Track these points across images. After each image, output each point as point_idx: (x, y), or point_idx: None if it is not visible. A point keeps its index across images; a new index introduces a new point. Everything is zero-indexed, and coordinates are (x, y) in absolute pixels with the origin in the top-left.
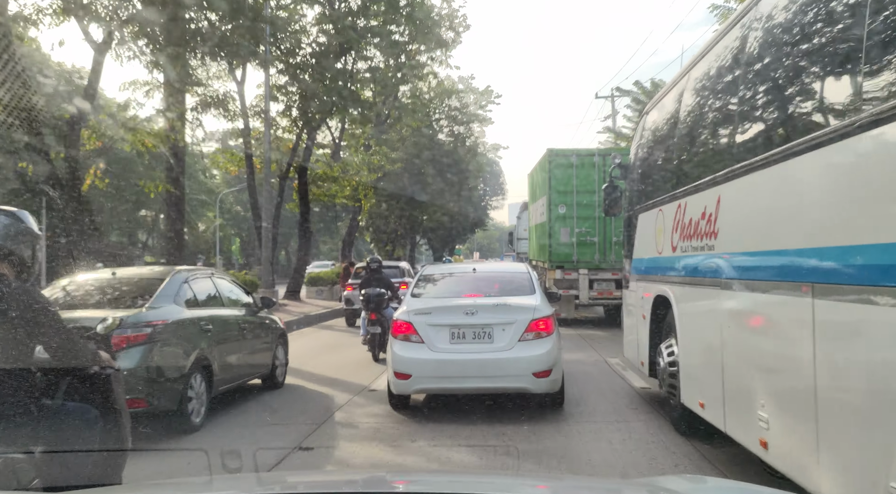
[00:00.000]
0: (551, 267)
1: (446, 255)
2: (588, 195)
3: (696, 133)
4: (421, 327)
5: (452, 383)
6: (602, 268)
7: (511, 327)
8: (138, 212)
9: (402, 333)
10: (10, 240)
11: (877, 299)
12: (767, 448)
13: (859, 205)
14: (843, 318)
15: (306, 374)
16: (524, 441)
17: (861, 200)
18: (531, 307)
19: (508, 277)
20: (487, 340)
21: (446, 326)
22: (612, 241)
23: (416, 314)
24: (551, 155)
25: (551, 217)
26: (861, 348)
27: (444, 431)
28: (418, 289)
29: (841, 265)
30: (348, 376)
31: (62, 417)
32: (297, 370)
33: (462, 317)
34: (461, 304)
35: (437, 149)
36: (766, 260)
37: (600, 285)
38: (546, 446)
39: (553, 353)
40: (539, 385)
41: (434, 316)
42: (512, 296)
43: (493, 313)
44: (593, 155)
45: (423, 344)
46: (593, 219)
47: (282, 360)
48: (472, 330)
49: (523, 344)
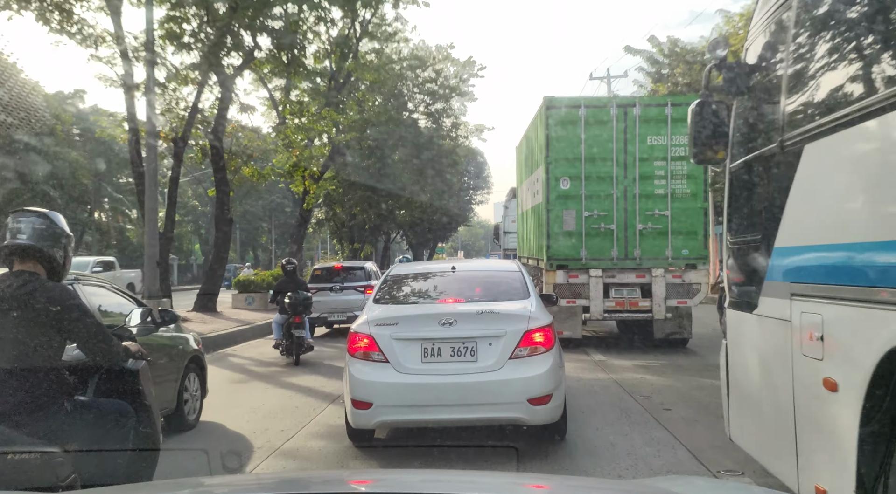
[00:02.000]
0: (550, 268)
1: (404, 254)
2: (603, 164)
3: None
4: (384, 342)
5: (424, 413)
6: (623, 269)
7: (499, 341)
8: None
9: (361, 350)
10: (43, 241)
11: None
12: None
13: None
14: None
15: (230, 408)
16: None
17: None
18: (525, 314)
19: (496, 277)
20: (469, 358)
21: (417, 340)
22: (638, 229)
23: (378, 325)
24: (550, 106)
25: (550, 196)
26: None
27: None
28: (383, 294)
29: None
30: (284, 410)
31: (96, 413)
32: (217, 404)
33: (437, 329)
34: (436, 312)
35: (410, 127)
36: None
37: (620, 292)
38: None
39: (553, 373)
40: (536, 414)
41: (401, 328)
42: (500, 301)
43: (476, 323)
44: (608, 105)
45: (386, 364)
46: (610, 198)
47: (194, 393)
48: (450, 346)
49: (515, 363)
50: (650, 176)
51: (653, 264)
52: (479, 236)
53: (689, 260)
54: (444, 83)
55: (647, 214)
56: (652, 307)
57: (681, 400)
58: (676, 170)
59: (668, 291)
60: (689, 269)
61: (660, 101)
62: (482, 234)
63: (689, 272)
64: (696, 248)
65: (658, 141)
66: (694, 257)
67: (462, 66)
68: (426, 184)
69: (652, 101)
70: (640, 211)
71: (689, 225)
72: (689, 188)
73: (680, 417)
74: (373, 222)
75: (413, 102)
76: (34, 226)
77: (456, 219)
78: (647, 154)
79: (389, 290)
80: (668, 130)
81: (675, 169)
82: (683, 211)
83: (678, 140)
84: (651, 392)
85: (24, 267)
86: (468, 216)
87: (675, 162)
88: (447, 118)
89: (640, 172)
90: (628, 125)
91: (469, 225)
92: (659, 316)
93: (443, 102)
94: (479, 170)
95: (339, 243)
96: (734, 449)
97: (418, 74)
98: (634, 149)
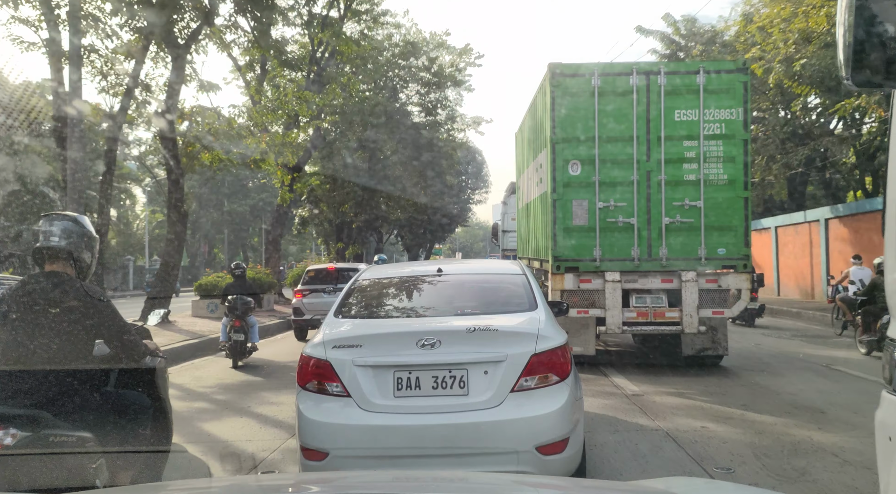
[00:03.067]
0: (557, 271)
1: (380, 255)
2: (621, 144)
3: None
4: (345, 370)
5: (398, 466)
6: (646, 272)
7: (498, 368)
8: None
9: (315, 380)
10: (73, 243)
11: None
12: None
13: None
14: None
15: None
16: None
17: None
18: (531, 332)
19: (493, 282)
20: (458, 391)
21: (388, 368)
22: (664, 223)
23: (337, 347)
24: (557, 74)
25: (557, 183)
26: None
27: None
28: (347, 305)
29: None
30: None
31: (122, 403)
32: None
33: (415, 352)
34: (414, 330)
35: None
36: None
37: (642, 300)
38: None
39: (570, 411)
40: (547, 466)
41: (368, 351)
42: (499, 314)
43: (467, 344)
44: (628, 73)
45: (347, 400)
46: (630, 185)
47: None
48: (433, 375)
49: (520, 398)
50: (678, 158)
51: (682, 266)
52: (477, 237)
53: (726, 260)
54: (439, 71)
55: (674, 205)
56: (681, 318)
57: (781, 476)
58: (711, 151)
59: (700, 299)
60: (726, 272)
61: (690, 67)
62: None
63: (727, 275)
64: (736, 247)
65: (688, 116)
66: (732, 257)
67: (458, 55)
68: (420, 181)
69: (680, 67)
70: (666, 201)
71: (727, 218)
72: (727, 173)
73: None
74: (361, 220)
75: (405, 92)
76: (65, 228)
77: (454, 218)
78: (675, 132)
79: (356, 300)
80: (700, 103)
81: (710, 150)
82: (719, 201)
83: (713, 114)
84: (729, 458)
85: (55, 267)
86: (466, 216)
87: (709, 141)
88: (442, 109)
89: (667, 154)
90: (651, 97)
91: (467, 225)
92: (690, 330)
93: (437, 91)
94: (477, 169)
95: (324, 243)
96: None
97: (411, 63)
98: (659, 125)
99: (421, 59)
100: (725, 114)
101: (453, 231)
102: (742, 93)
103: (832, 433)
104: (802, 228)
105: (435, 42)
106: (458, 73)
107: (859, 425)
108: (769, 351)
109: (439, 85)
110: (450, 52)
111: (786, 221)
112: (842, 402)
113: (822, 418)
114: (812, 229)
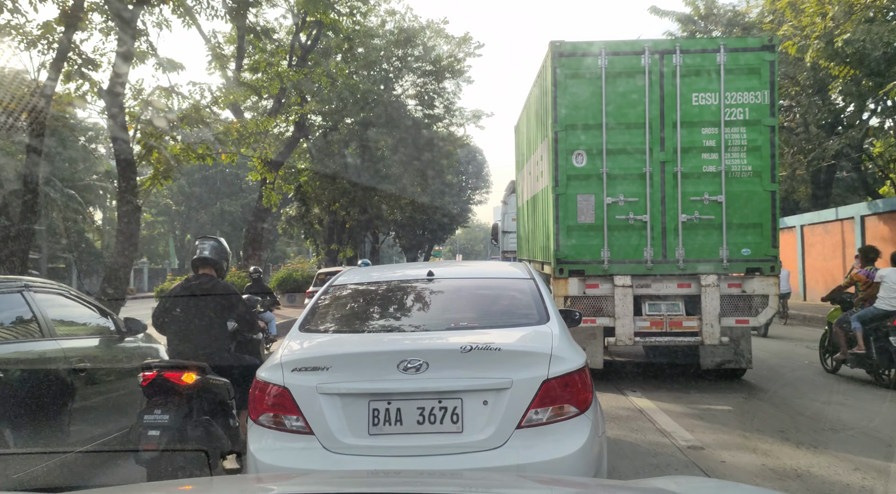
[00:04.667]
0: (560, 275)
1: (363, 259)
2: (632, 132)
3: None
4: (307, 399)
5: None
6: (661, 275)
7: (501, 397)
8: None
9: (270, 411)
10: (218, 256)
11: None
12: None
13: None
14: None
15: None
16: None
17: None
18: (543, 351)
19: (495, 289)
20: (451, 427)
21: (362, 397)
22: (681, 221)
23: (298, 370)
24: (559, 54)
25: (560, 176)
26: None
27: None
28: (315, 317)
29: None
30: None
31: (242, 360)
32: None
33: (396, 377)
34: (394, 349)
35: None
36: None
37: (656, 308)
38: None
39: (591, 452)
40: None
41: (337, 375)
42: (502, 328)
43: (462, 367)
44: (640, 52)
45: (309, 437)
46: (642, 178)
47: None
48: (418, 406)
49: (528, 436)
50: (697, 147)
51: (702, 269)
52: (478, 239)
53: (751, 262)
54: (437, 61)
55: (692, 200)
56: (701, 327)
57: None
58: (733, 139)
59: (723, 306)
60: (751, 275)
61: (709, 45)
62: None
63: (752, 279)
64: (762, 247)
65: (707, 99)
66: (758, 259)
67: (457, 45)
68: (418, 178)
69: (698, 45)
70: (682, 196)
71: (752, 214)
72: (751, 164)
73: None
74: (354, 220)
75: (401, 84)
76: (212, 245)
77: (454, 219)
78: (693, 117)
79: (327, 310)
80: (720, 85)
81: (732, 137)
82: (743, 195)
83: (735, 98)
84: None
85: (205, 271)
86: (466, 216)
87: (730, 128)
88: (439, 99)
89: (683, 143)
90: (666, 78)
91: (467, 225)
92: (711, 341)
93: (434, 81)
94: (478, 168)
95: (313, 244)
96: None
97: (408, 52)
98: (675, 110)
99: (417, 49)
100: (749, 98)
101: (453, 232)
102: (769, 73)
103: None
104: (833, 227)
105: (432, 29)
106: (457, 63)
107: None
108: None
109: (437, 75)
110: (448, 42)
111: (814, 219)
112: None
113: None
114: (845, 227)
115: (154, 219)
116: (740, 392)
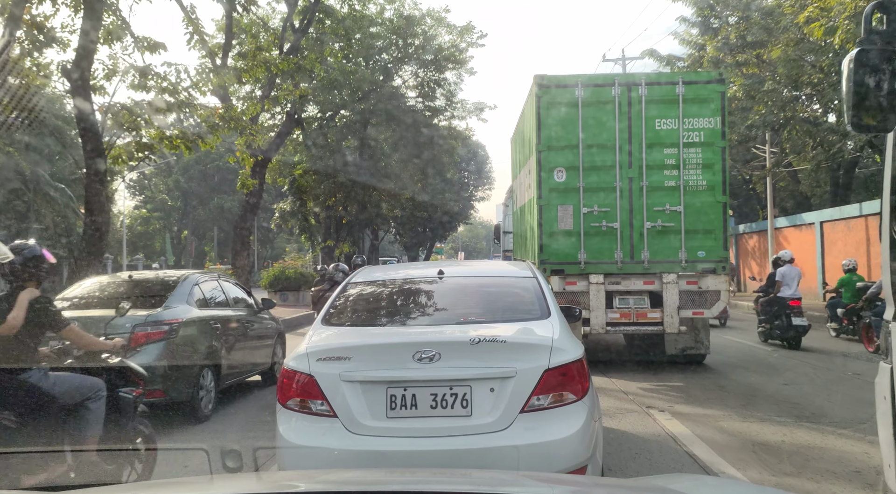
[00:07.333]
0: (544, 273)
1: (360, 255)
2: (604, 152)
3: None
4: (331, 385)
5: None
6: (629, 274)
7: (506, 385)
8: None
9: (297, 397)
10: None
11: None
12: None
13: None
14: None
15: None
16: None
17: None
18: (545, 343)
19: (501, 287)
20: (460, 411)
21: (380, 384)
22: (646, 228)
23: (322, 359)
24: (542, 86)
25: (543, 189)
26: None
27: None
28: (337, 311)
29: None
30: None
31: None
32: None
33: (411, 366)
34: (410, 341)
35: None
36: None
37: (625, 302)
38: None
39: (588, 434)
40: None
41: (357, 364)
42: (507, 323)
43: (471, 357)
44: (611, 84)
45: (333, 420)
46: (613, 190)
47: (280, 358)
48: (431, 392)
49: (531, 419)
50: (659, 165)
51: (663, 268)
52: (480, 237)
53: (706, 263)
54: (438, 50)
55: (656, 210)
56: (663, 318)
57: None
58: (690, 158)
59: (681, 300)
60: (706, 274)
61: (670, 78)
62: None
63: (707, 277)
64: (715, 250)
65: (668, 124)
66: (712, 260)
67: (459, 34)
68: (418, 174)
69: (661, 78)
70: (647, 206)
71: (706, 222)
72: (706, 179)
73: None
74: (351, 216)
75: (400, 75)
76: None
77: (456, 216)
78: (656, 140)
79: (347, 305)
80: (679, 112)
81: (689, 157)
82: (699, 205)
83: (692, 123)
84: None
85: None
86: (468, 213)
87: (688, 149)
88: (439, 88)
89: (648, 161)
90: (633, 106)
91: (469, 223)
92: (671, 330)
93: (434, 71)
94: (480, 164)
95: (307, 240)
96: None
97: (408, 41)
98: (641, 134)
99: (418, 38)
100: (704, 123)
101: (455, 229)
102: (720, 102)
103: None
104: (857, 223)
105: (433, 18)
106: (459, 53)
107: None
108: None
109: (437, 65)
110: (449, 31)
111: (834, 215)
112: None
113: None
114: (870, 224)
115: (150, 214)
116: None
